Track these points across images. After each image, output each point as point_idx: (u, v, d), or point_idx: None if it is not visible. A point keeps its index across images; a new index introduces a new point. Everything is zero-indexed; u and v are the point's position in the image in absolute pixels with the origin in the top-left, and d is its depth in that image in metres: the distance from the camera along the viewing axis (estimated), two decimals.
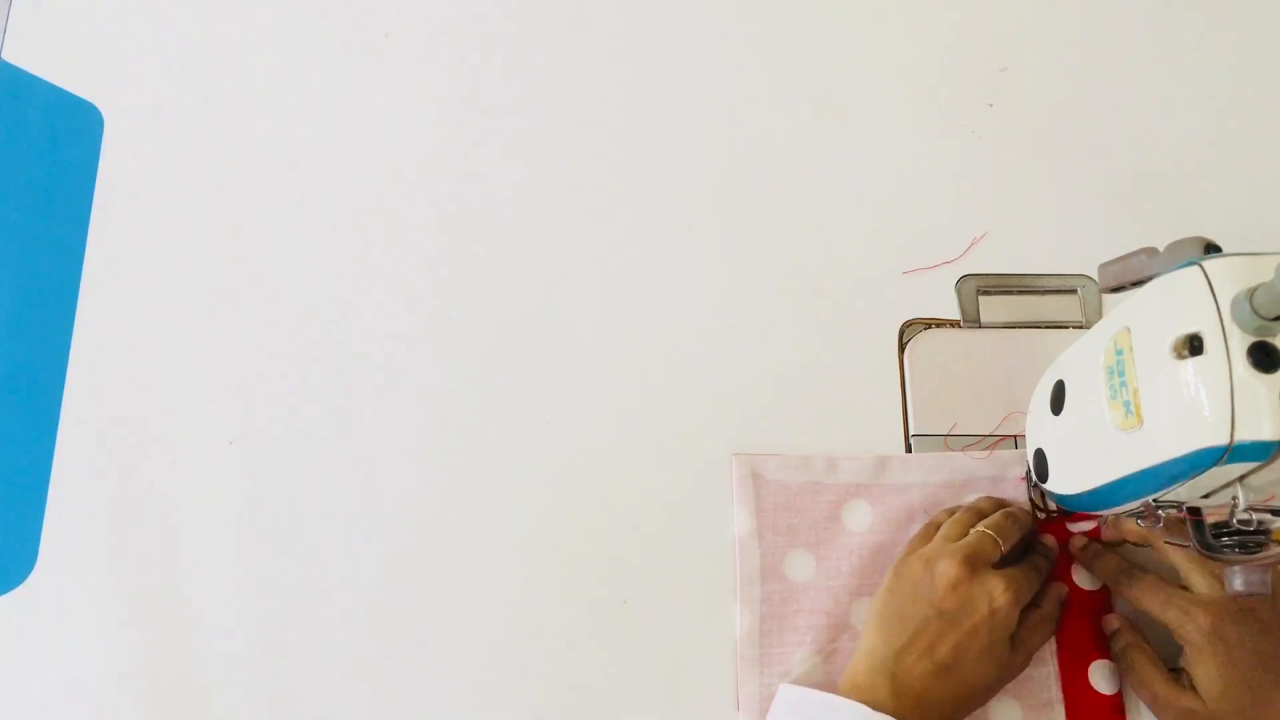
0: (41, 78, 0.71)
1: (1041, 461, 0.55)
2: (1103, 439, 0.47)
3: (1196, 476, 0.43)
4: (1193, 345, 0.42)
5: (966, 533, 0.56)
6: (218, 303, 0.66)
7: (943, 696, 0.52)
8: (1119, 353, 0.46)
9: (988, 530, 0.55)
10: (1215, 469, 0.41)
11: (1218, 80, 0.72)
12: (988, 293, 0.66)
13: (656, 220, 0.68)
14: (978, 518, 0.57)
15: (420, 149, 0.70)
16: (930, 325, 0.65)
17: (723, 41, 0.73)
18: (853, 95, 0.71)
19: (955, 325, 0.65)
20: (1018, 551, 0.57)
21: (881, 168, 0.69)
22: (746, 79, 0.72)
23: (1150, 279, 0.46)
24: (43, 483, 0.62)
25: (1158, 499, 0.47)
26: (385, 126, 0.70)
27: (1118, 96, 0.71)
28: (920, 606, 0.53)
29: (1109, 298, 0.65)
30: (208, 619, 0.60)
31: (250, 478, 0.63)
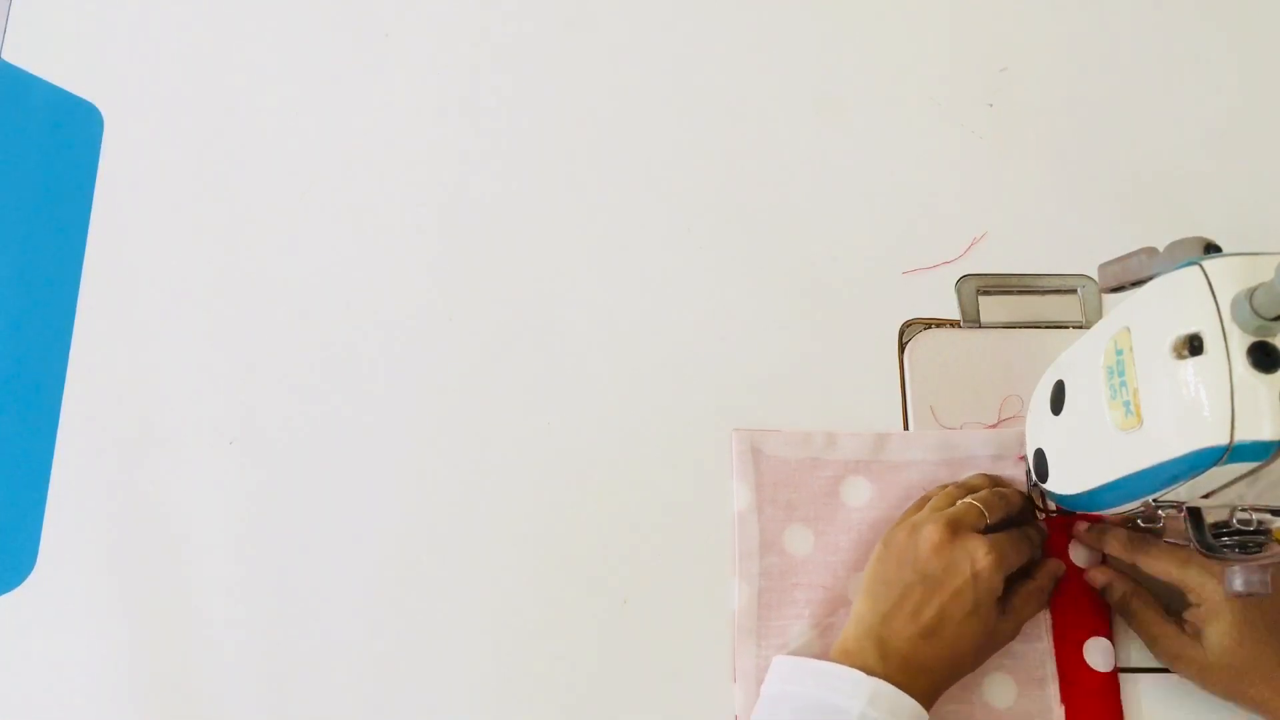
0: (41, 78, 0.71)
1: (1041, 461, 0.55)
2: (1103, 439, 0.47)
3: (1196, 476, 0.43)
4: (1193, 345, 0.42)
5: (945, 503, 0.57)
6: (218, 303, 0.66)
7: (930, 659, 0.52)
8: (1119, 353, 0.46)
9: (974, 501, 0.56)
10: (1215, 469, 0.41)
11: (1217, 80, 0.72)
12: (988, 293, 0.66)
13: (657, 220, 0.68)
14: (968, 493, 0.57)
15: (420, 149, 0.70)
16: (930, 325, 0.65)
17: (723, 41, 0.73)
18: (853, 95, 0.71)
19: (955, 325, 0.65)
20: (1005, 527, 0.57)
21: (881, 168, 0.69)
22: (746, 79, 0.72)
23: (1150, 279, 0.46)
24: (43, 483, 0.62)
25: (1158, 499, 0.47)
26: (385, 126, 0.70)
27: (1118, 97, 0.71)
28: (905, 571, 0.54)
29: (1109, 298, 0.65)
30: (208, 619, 0.60)
31: (250, 478, 0.63)
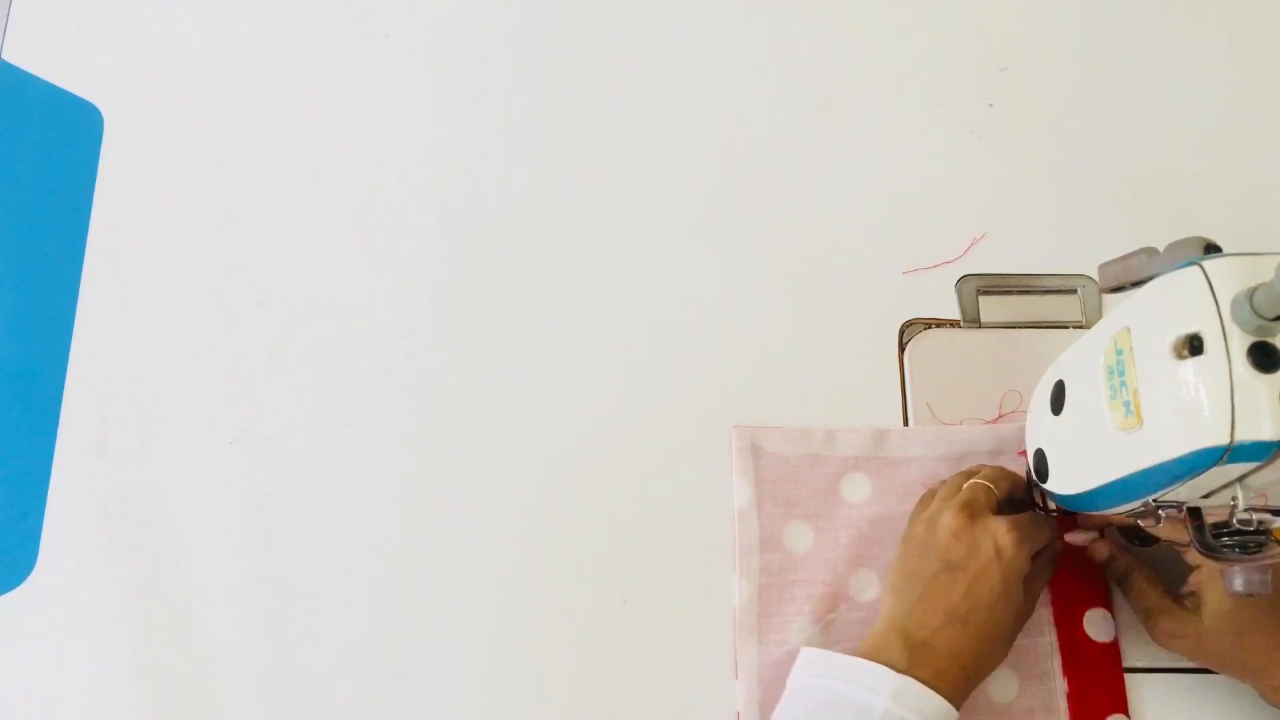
0: (41, 78, 0.71)
1: (1041, 461, 0.55)
2: (1103, 439, 0.47)
3: (1196, 476, 0.43)
4: (1193, 345, 0.42)
5: (954, 490, 0.57)
6: (218, 302, 0.66)
7: (958, 647, 0.51)
8: (1119, 353, 0.46)
9: (979, 480, 0.56)
10: (1215, 469, 0.41)
11: (1217, 81, 0.72)
12: (988, 293, 0.66)
13: (657, 220, 0.68)
14: (969, 477, 0.57)
15: (420, 148, 0.70)
16: (930, 325, 0.65)
17: (723, 41, 0.73)
18: (853, 95, 0.71)
19: (955, 325, 0.65)
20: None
21: (881, 168, 0.69)
22: (747, 79, 0.72)
23: (1150, 279, 0.46)
24: (43, 483, 0.62)
25: (1158, 499, 0.47)
26: (385, 126, 0.70)
27: (1117, 97, 0.71)
28: (927, 563, 0.54)
29: (1109, 298, 0.65)
30: (208, 619, 0.60)
31: (250, 478, 0.62)
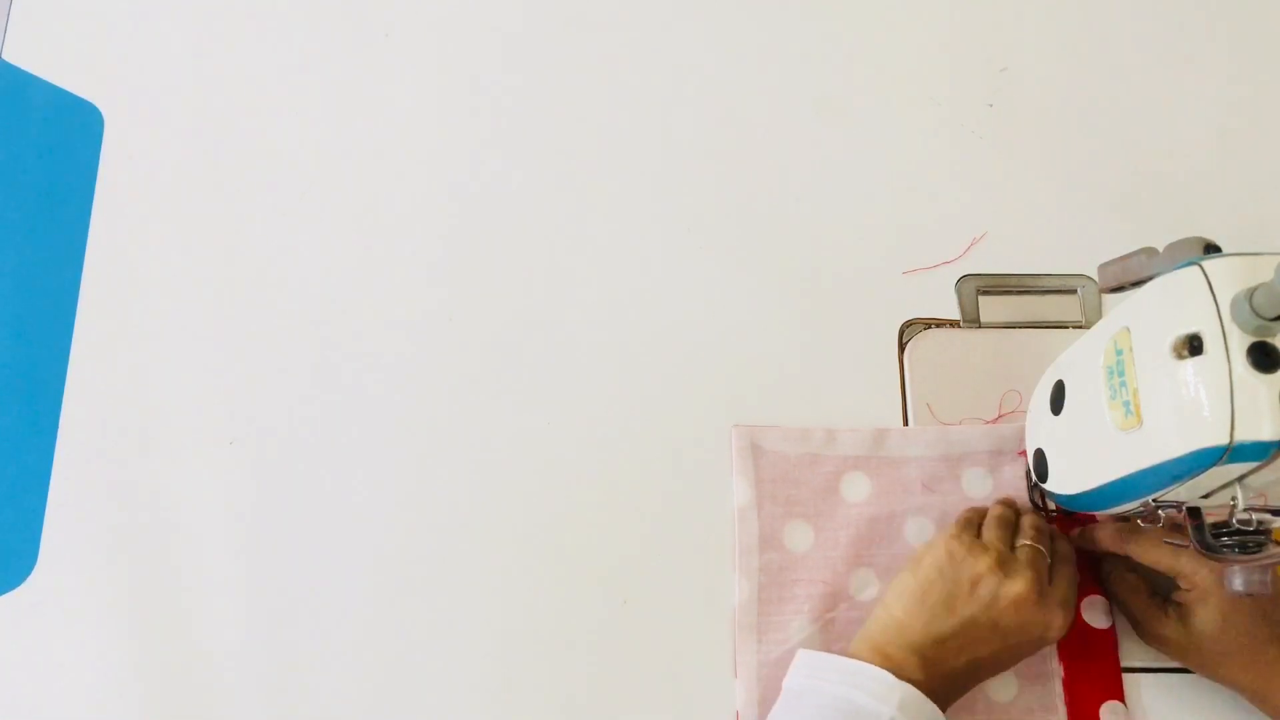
0: (41, 78, 0.71)
1: (1041, 461, 0.55)
2: (1103, 439, 0.47)
3: (1196, 476, 0.43)
4: (1192, 345, 0.42)
5: (1006, 532, 0.56)
6: (218, 303, 0.66)
7: (965, 682, 0.54)
8: (1119, 353, 0.46)
9: (1035, 545, 0.55)
10: (1215, 469, 0.41)
11: (1217, 81, 0.72)
12: (988, 293, 0.66)
13: (657, 220, 0.68)
14: (1008, 522, 0.57)
15: (420, 148, 0.70)
16: (930, 325, 0.65)
17: (723, 42, 0.73)
18: (853, 95, 0.71)
19: (955, 325, 0.65)
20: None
21: (881, 168, 0.69)
22: (746, 79, 0.72)
23: (1150, 279, 0.46)
24: (43, 483, 0.62)
25: (1158, 499, 0.47)
26: (385, 126, 0.70)
27: (1117, 97, 0.71)
28: (974, 608, 0.53)
29: (1109, 298, 0.65)
30: (208, 619, 0.60)
31: (250, 478, 0.62)
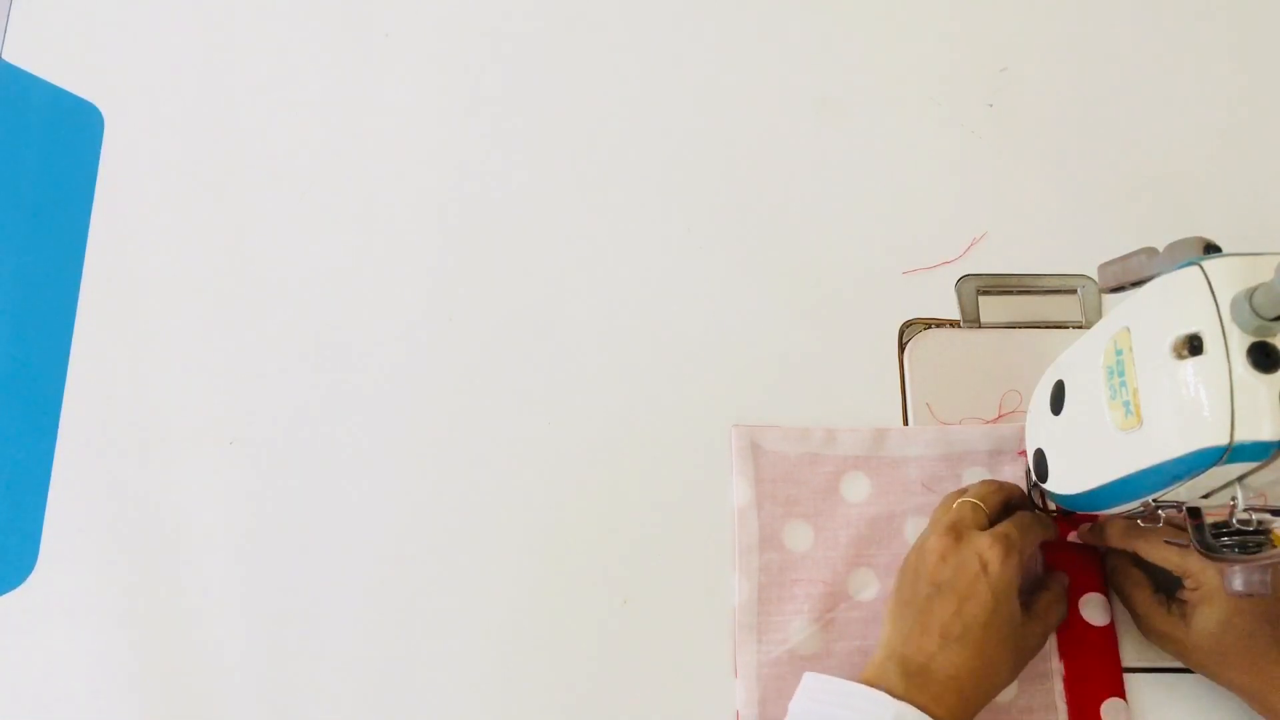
0: (41, 78, 0.71)
1: (1041, 461, 0.55)
2: (1103, 439, 0.47)
3: (1196, 476, 0.43)
4: (1192, 345, 0.42)
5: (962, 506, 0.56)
6: (218, 303, 0.66)
7: (956, 670, 0.50)
8: (1119, 353, 0.46)
9: (967, 498, 0.56)
10: (1215, 469, 0.41)
11: (1217, 80, 0.72)
12: (988, 293, 0.66)
13: (657, 220, 0.68)
14: (961, 495, 0.57)
15: (420, 149, 0.70)
16: (930, 325, 0.65)
17: (723, 41, 0.73)
18: (853, 95, 0.71)
19: (955, 325, 0.65)
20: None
21: (881, 168, 0.69)
22: (747, 79, 0.72)
23: (1150, 279, 0.46)
24: (43, 483, 0.62)
25: (1158, 499, 0.47)
26: (385, 126, 0.70)
27: (1118, 97, 0.71)
28: (920, 587, 0.54)
29: (1109, 298, 0.65)
30: (208, 618, 0.60)
31: (250, 478, 0.62)
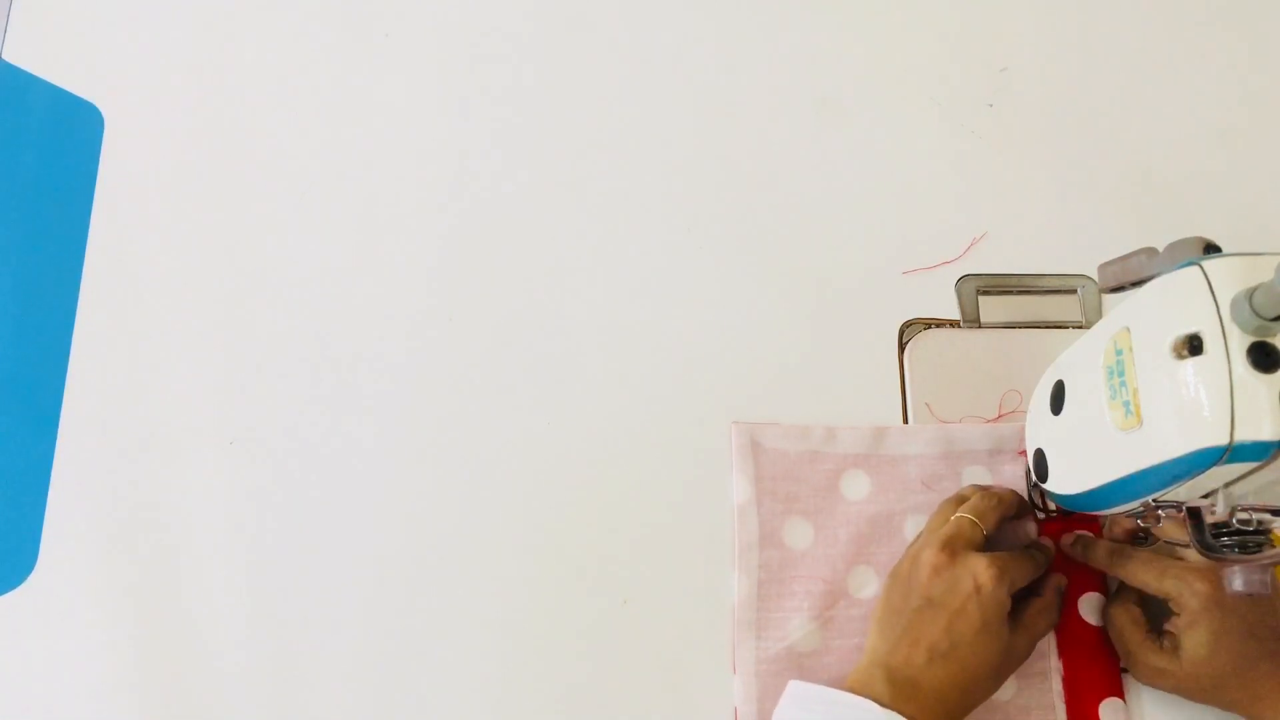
0: (41, 78, 0.71)
1: (1041, 461, 0.55)
2: (1103, 439, 0.47)
3: (1196, 476, 0.43)
4: (1192, 345, 0.42)
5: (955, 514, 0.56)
6: (218, 302, 0.66)
7: (941, 684, 0.51)
8: (1119, 353, 0.46)
9: (964, 514, 0.56)
10: (1215, 469, 0.41)
11: (1217, 80, 0.72)
12: (988, 293, 0.66)
13: (657, 220, 0.68)
14: (959, 505, 0.57)
15: (420, 149, 0.70)
16: (930, 325, 0.65)
17: (723, 41, 0.73)
18: (853, 95, 0.71)
19: (955, 325, 0.65)
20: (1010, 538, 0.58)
21: (881, 168, 0.69)
22: (747, 79, 0.72)
23: (1150, 279, 0.46)
24: (43, 483, 0.62)
25: (1158, 499, 0.47)
26: (385, 126, 0.70)
27: (1117, 97, 0.71)
28: (911, 599, 0.54)
29: (1109, 298, 0.65)
30: (208, 619, 0.60)
31: (250, 478, 0.62)
